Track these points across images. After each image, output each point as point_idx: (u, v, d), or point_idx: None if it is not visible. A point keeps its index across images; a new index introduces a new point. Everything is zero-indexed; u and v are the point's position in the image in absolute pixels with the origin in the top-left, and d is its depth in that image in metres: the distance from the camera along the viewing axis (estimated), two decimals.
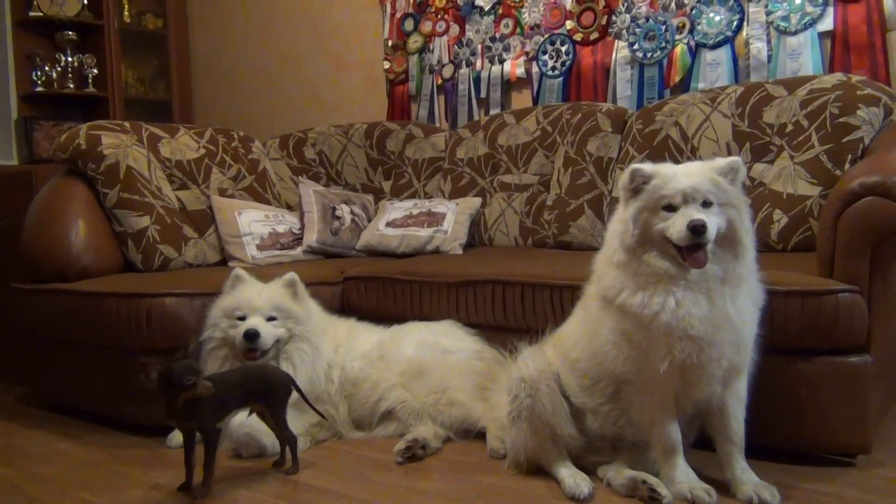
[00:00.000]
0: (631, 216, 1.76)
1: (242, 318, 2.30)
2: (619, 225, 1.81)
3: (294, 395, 2.23)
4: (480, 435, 2.27)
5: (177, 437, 2.37)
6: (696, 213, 1.68)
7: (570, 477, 1.85)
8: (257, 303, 2.31)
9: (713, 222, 1.68)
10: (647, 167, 1.77)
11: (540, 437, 1.91)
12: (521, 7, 3.72)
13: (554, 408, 1.89)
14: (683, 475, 1.78)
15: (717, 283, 1.71)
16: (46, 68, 4.53)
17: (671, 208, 1.72)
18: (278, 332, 2.32)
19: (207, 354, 2.33)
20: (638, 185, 1.76)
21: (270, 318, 2.32)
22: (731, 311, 1.70)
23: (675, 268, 1.71)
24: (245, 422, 2.21)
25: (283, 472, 2.09)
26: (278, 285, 2.39)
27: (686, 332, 1.68)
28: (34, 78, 4.52)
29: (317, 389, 2.36)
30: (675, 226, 1.69)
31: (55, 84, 4.56)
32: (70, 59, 4.61)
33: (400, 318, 2.66)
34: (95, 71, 4.67)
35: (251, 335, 2.25)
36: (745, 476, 1.78)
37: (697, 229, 1.66)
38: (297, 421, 2.30)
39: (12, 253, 2.97)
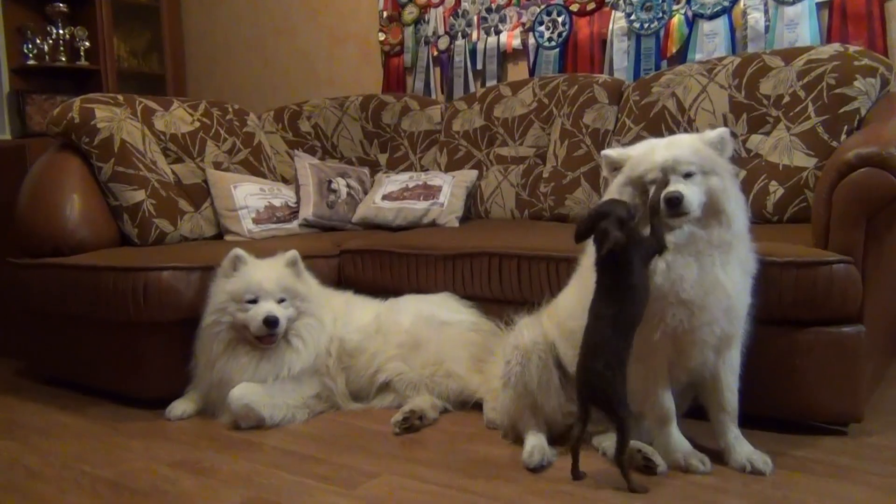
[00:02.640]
0: (616, 192, 1.81)
1: (252, 301, 2.30)
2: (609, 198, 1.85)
3: (297, 366, 2.31)
4: (477, 406, 2.30)
5: (176, 408, 2.39)
6: (674, 186, 1.70)
7: (530, 446, 1.89)
8: (268, 286, 2.31)
9: (693, 192, 1.70)
10: (615, 153, 1.84)
11: (520, 405, 1.94)
12: None
13: (540, 380, 1.92)
14: (677, 444, 1.81)
15: (706, 247, 1.72)
16: (38, 41, 4.47)
17: (653, 182, 1.74)
18: (289, 312, 2.34)
19: (213, 338, 2.32)
20: (611, 170, 1.83)
21: (280, 300, 2.33)
22: (721, 276, 1.72)
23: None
24: (243, 394, 2.23)
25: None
26: (282, 265, 2.40)
27: (678, 297, 1.70)
28: (25, 51, 4.47)
29: (318, 362, 2.38)
30: (655, 198, 1.72)
31: (47, 57, 4.51)
32: (61, 31, 4.55)
33: (396, 291, 2.67)
34: (87, 44, 4.62)
35: (273, 322, 2.26)
36: (739, 444, 1.80)
37: (672, 202, 1.68)
38: (296, 392, 2.32)
39: (7, 228, 2.96)
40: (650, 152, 1.76)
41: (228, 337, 2.32)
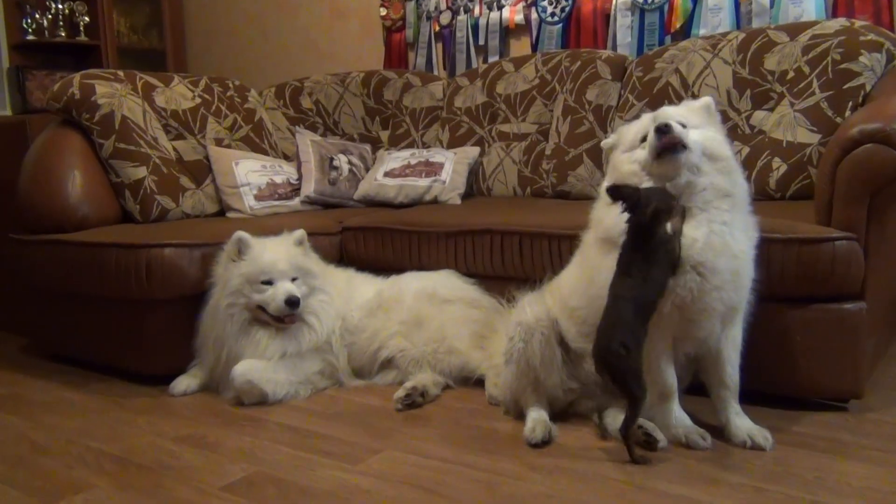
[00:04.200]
0: (615, 165, 1.88)
1: (268, 283, 2.31)
2: (609, 174, 1.91)
3: (314, 341, 2.35)
4: (479, 382, 2.31)
5: (180, 384, 2.40)
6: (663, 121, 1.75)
7: (531, 421, 1.91)
8: (282, 267, 2.32)
9: (685, 132, 1.74)
10: (609, 138, 1.96)
11: (522, 382, 1.95)
12: None
13: (543, 357, 1.92)
14: (678, 420, 1.82)
15: (713, 195, 1.74)
16: (37, 16, 4.44)
17: (645, 138, 1.79)
18: (302, 290, 2.35)
19: (227, 319, 2.33)
20: (607, 156, 1.94)
21: (293, 279, 2.35)
22: (727, 237, 1.73)
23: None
24: (246, 370, 2.24)
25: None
26: (291, 243, 2.40)
27: (690, 260, 1.70)
28: (24, 25, 4.43)
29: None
30: (650, 136, 1.75)
31: (46, 32, 4.48)
32: (60, 6, 4.52)
33: (398, 268, 2.67)
34: (87, 19, 4.58)
35: (294, 302, 2.28)
36: (739, 420, 1.81)
37: (662, 128, 1.71)
38: (298, 369, 2.33)
39: (8, 204, 2.96)
40: (640, 120, 1.84)
41: (243, 318, 2.33)
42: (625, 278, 1.71)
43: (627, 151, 1.84)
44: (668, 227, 1.70)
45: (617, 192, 1.74)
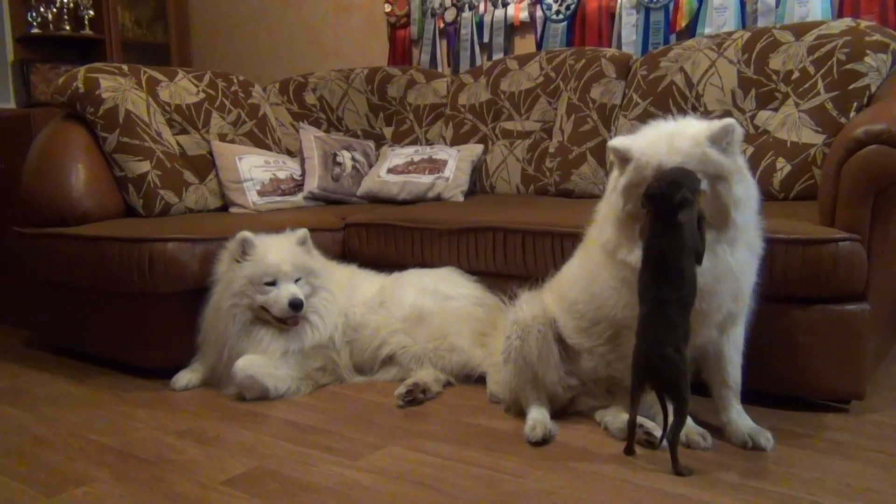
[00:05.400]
0: (620, 190, 1.75)
1: (271, 284, 2.31)
2: (612, 195, 1.80)
3: (316, 340, 2.34)
4: (480, 380, 2.31)
5: (181, 379, 2.41)
6: None
7: (531, 419, 1.91)
8: (285, 268, 2.32)
9: None
10: (620, 145, 1.74)
11: (521, 379, 1.95)
12: None
13: (541, 353, 1.92)
14: None
15: (713, 243, 1.70)
16: (42, 9, 4.45)
17: None
18: (305, 291, 2.35)
19: (230, 319, 2.33)
20: (619, 160, 1.76)
21: (296, 280, 2.35)
22: (731, 262, 1.71)
23: None
24: (247, 365, 2.25)
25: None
26: (293, 243, 2.40)
27: None
28: (29, 19, 4.44)
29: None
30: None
31: (51, 26, 4.48)
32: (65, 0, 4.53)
33: (401, 265, 2.67)
34: (91, 13, 4.59)
35: (298, 305, 2.28)
36: (741, 420, 1.81)
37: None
38: (300, 365, 2.34)
39: (12, 197, 2.96)
40: (652, 159, 1.68)
41: (245, 318, 2.33)
42: (661, 282, 1.64)
43: (634, 188, 1.73)
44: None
45: (648, 200, 1.66)
